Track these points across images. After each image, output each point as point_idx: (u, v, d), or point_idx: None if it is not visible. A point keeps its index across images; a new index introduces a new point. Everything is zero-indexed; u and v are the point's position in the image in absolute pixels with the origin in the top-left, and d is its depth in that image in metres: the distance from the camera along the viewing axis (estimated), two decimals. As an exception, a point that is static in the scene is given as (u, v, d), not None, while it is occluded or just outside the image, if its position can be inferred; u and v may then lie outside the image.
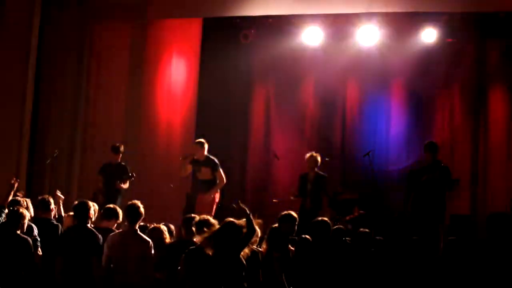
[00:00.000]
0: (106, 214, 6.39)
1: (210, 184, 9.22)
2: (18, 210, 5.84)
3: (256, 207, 10.69)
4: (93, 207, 6.17)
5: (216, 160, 9.25)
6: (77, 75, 10.59)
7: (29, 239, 5.76)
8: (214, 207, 9.21)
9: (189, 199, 9.41)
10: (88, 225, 6.00)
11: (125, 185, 9.55)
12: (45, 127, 10.54)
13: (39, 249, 5.98)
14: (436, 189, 8.29)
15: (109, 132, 10.92)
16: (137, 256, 5.77)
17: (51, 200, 6.68)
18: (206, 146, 9.28)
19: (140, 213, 5.92)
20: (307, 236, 6.23)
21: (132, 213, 5.92)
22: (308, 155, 9.38)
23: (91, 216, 6.06)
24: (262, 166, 11.58)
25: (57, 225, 6.46)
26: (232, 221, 5.32)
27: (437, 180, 8.31)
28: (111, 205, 6.58)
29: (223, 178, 9.28)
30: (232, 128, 12.08)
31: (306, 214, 8.77)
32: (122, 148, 9.74)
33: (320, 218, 6.43)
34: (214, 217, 6.25)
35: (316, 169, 9.32)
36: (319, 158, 9.34)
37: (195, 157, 9.27)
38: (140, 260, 5.76)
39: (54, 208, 6.77)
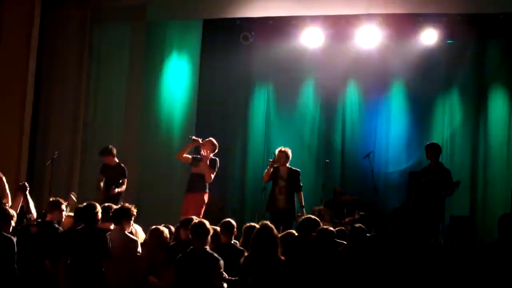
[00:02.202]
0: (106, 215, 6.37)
1: (202, 180, 8.87)
2: (5, 210, 5.84)
3: (255, 208, 10.83)
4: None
5: (217, 162, 9.03)
6: (77, 75, 10.60)
7: (13, 238, 5.71)
8: (203, 208, 8.85)
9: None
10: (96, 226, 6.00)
11: (121, 189, 9.23)
12: (45, 128, 10.56)
13: None
14: (435, 191, 8.25)
15: (109, 133, 10.94)
16: (126, 255, 5.80)
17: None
18: (216, 149, 8.99)
19: (130, 213, 5.98)
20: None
21: (119, 215, 5.96)
22: (277, 150, 8.98)
23: (98, 219, 6.06)
24: (262, 167, 11.56)
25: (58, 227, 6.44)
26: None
27: (437, 183, 8.27)
28: (111, 205, 6.51)
29: (211, 178, 8.90)
30: (232, 129, 12.07)
31: (279, 215, 8.62)
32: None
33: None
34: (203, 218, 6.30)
35: (287, 165, 8.94)
36: (289, 153, 8.95)
37: (202, 150, 8.90)
38: (129, 259, 5.80)
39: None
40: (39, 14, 9.89)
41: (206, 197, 8.88)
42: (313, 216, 6.06)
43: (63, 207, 6.55)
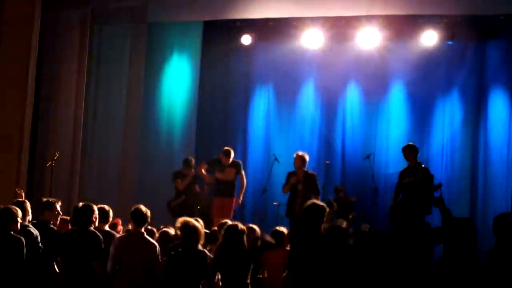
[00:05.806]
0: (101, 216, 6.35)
1: (230, 186, 9.66)
2: (11, 209, 5.79)
3: (256, 210, 10.84)
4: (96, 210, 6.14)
5: (240, 162, 9.85)
6: (78, 76, 10.60)
7: (22, 239, 5.69)
8: (232, 210, 9.65)
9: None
10: (92, 228, 5.99)
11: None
12: (45, 128, 10.56)
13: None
14: (416, 192, 8.17)
15: (110, 134, 10.95)
16: (145, 258, 5.80)
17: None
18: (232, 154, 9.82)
19: (147, 217, 5.96)
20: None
21: (138, 217, 5.95)
22: (295, 154, 9.36)
23: (95, 220, 6.05)
24: (262, 168, 11.56)
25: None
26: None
27: (418, 184, 8.20)
28: (104, 206, 6.51)
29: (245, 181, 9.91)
30: (233, 130, 12.08)
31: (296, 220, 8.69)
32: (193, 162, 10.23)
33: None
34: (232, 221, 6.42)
35: (304, 168, 9.25)
36: (306, 157, 9.26)
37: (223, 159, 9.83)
38: (147, 263, 5.79)
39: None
40: (39, 15, 9.88)
41: (234, 201, 9.81)
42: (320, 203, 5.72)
43: (57, 207, 6.53)
